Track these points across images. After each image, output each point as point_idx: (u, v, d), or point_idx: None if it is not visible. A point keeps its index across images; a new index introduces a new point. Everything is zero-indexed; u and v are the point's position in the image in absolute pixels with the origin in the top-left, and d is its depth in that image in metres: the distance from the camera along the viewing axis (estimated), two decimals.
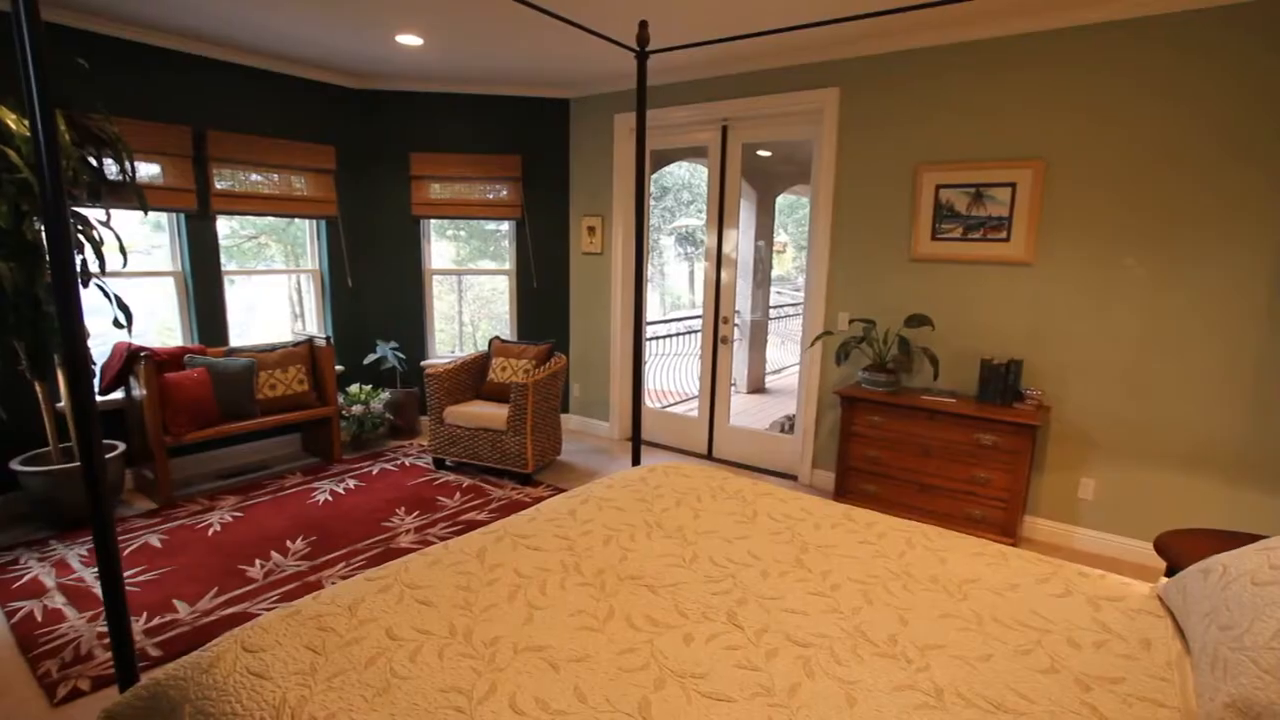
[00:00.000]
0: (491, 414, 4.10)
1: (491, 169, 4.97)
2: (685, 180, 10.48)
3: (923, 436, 3.46)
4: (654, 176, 5.54)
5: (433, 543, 3.29)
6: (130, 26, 3.68)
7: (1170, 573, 2.23)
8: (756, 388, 6.89)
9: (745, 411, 6.06)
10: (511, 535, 2.02)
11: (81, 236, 3.17)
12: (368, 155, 4.91)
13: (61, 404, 3.47)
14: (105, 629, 2.53)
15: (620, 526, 2.11)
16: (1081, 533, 3.41)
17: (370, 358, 4.97)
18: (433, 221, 5.19)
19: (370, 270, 5.04)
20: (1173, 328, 3.07)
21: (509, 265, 5.28)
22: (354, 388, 4.78)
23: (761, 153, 5.04)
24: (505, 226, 5.33)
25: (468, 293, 6.11)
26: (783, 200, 7.12)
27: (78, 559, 3.07)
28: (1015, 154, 3.35)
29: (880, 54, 3.68)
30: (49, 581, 2.87)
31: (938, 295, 3.67)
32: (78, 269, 2.46)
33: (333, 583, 2.87)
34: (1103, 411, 3.28)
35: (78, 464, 3.29)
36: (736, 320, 4.70)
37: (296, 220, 4.81)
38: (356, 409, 4.69)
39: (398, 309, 5.15)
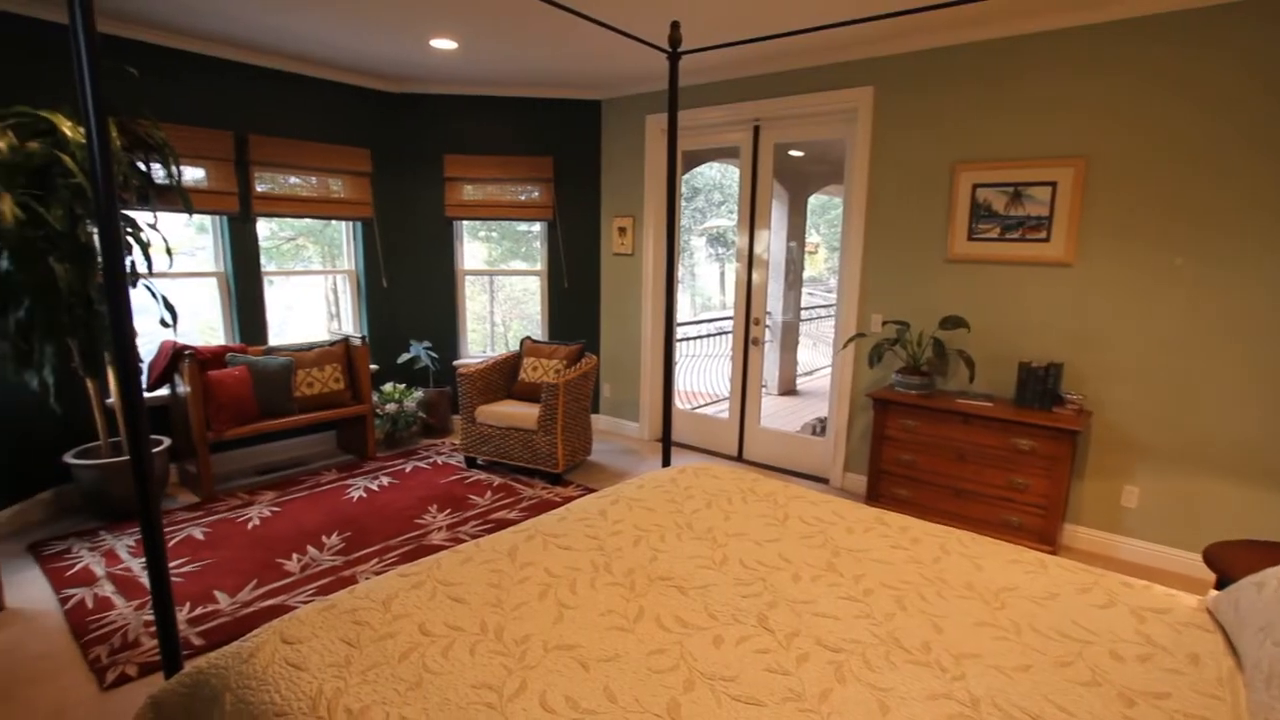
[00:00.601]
0: (523, 413, 4.14)
1: (523, 170, 5.01)
2: (716, 181, 10.45)
3: (958, 441, 3.39)
4: (685, 177, 5.53)
5: (464, 540, 3.33)
6: (176, 35, 3.80)
7: (1220, 585, 2.15)
8: (787, 390, 6.83)
9: (776, 413, 6.01)
10: (542, 534, 2.03)
11: (131, 239, 3.27)
12: (402, 158, 4.99)
13: (111, 400, 3.59)
14: (151, 617, 2.61)
15: (650, 527, 2.11)
16: (1124, 542, 3.31)
17: (404, 357, 5.05)
18: (465, 223, 5.26)
19: (404, 271, 5.12)
20: (1221, 330, 2.97)
21: (540, 266, 5.32)
22: (388, 386, 4.86)
23: (793, 153, 5.00)
24: (537, 227, 5.37)
25: (499, 293, 6.17)
26: (815, 201, 7.05)
27: (125, 549, 3.18)
28: (1056, 152, 3.27)
29: (916, 51, 3.62)
30: (99, 570, 2.98)
31: (974, 297, 3.60)
32: (127, 270, 2.55)
33: (367, 578, 2.93)
34: (1147, 417, 3.18)
35: (126, 458, 3.41)
36: (768, 321, 4.67)
37: (333, 222, 4.91)
38: (390, 407, 4.77)
39: (431, 309, 5.23)
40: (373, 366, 4.91)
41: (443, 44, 3.87)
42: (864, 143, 3.86)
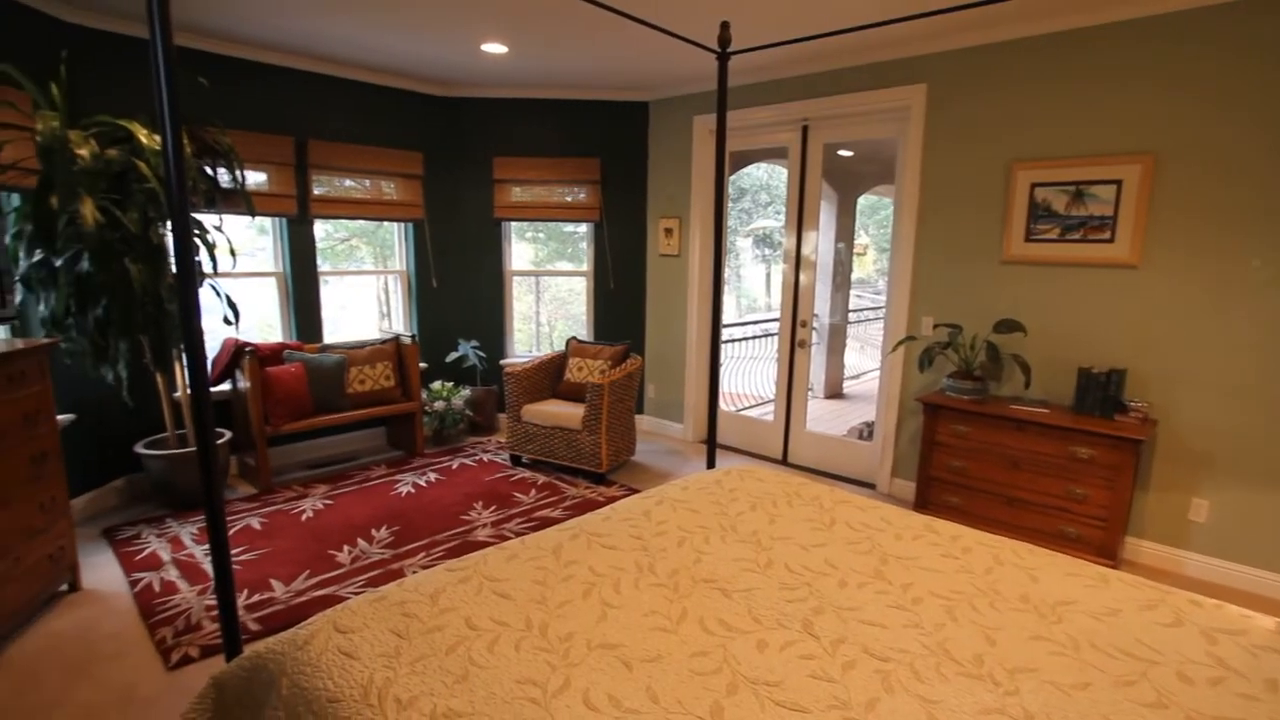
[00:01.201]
0: (567, 413, 4.17)
1: (571, 172, 5.06)
2: (764, 181, 10.36)
3: (1012, 448, 3.28)
4: (732, 178, 5.50)
5: (508, 537, 3.38)
6: (242, 45, 3.96)
7: None
8: (834, 393, 6.72)
9: (822, 417, 5.92)
10: (587, 533, 2.05)
11: (198, 240, 3.43)
12: (453, 160, 5.09)
13: (178, 394, 3.76)
14: (212, 602, 2.73)
15: (694, 529, 2.10)
16: (1192, 558, 3.15)
17: (452, 356, 5.15)
18: (513, 224, 5.33)
19: (453, 271, 5.23)
20: None
21: (586, 267, 5.36)
22: (436, 384, 4.96)
23: (843, 152, 4.92)
24: (583, 228, 5.41)
25: (545, 293, 6.24)
26: (864, 201, 6.92)
27: (189, 536, 3.33)
28: (1122, 148, 3.14)
29: (971, 47, 3.53)
30: (165, 556, 3.12)
31: (1030, 299, 3.48)
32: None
33: (414, 571, 3.00)
34: (1218, 426, 3.02)
35: (191, 450, 3.57)
36: (815, 324, 4.60)
37: (385, 223, 5.05)
38: (438, 405, 4.87)
39: (479, 309, 5.32)
40: (422, 365, 5.02)
41: (493, 48, 3.94)
42: (916, 142, 3.77)
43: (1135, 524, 3.28)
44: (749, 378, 6.65)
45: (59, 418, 2.83)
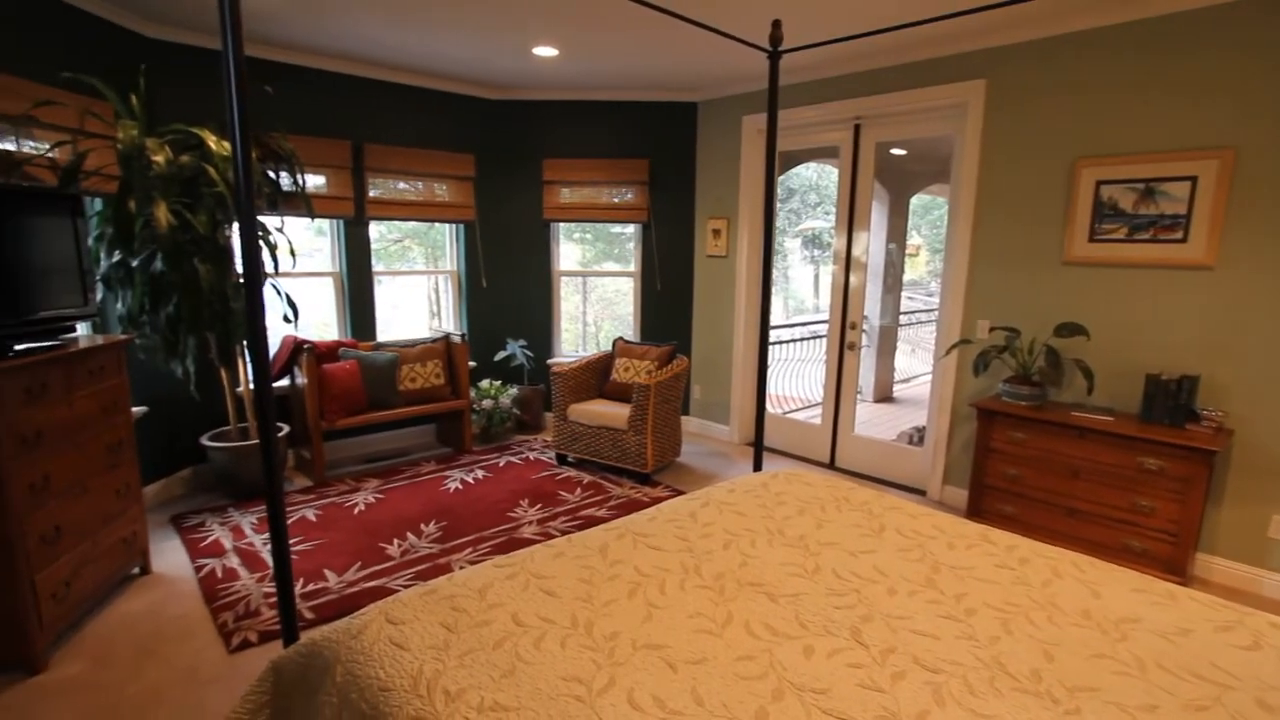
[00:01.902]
0: (613, 413, 4.19)
1: (619, 173, 5.08)
2: (813, 181, 10.22)
3: (1072, 456, 3.15)
4: (780, 178, 5.44)
5: (554, 535, 3.41)
6: (304, 53, 4.10)
7: None
8: (884, 396, 6.58)
9: (871, 421, 5.80)
10: (632, 533, 2.05)
11: (261, 241, 3.56)
12: (503, 162, 5.17)
13: (240, 389, 3.92)
14: (270, 589, 2.83)
15: (741, 531, 2.09)
16: (1272, 577, 2.97)
17: (500, 355, 5.23)
18: (561, 225, 5.39)
19: (502, 271, 5.31)
20: None
21: (634, 267, 5.37)
22: (485, 383, 5.05)
23: (896, 151, 4.81)
24: (631, 229, 5.43)
25: (591, 294, 6.28)
26: (917, 201, 6.76)
27: (249, 526, 3.46)
28: (1197, 144, 2.98)
29: (1033, 40, 3.40)
30: (227, 544, 3.26)
31: (1094, 302, 3.34)
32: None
33: (461, 566, 3.06)
34: None
35: (252, 442, 3.71)
36: (864, 326, 4.51)
37: (437, 224, 5.16)
38: (486, 403, 4.95)
39: (527, 308, 5.39)
40: (471, 363, 5.11)
41: (545, 51, 3.99)
42: (974, 139, 3.66)
43: (1207, 539, 3.12)
44: (796, 380, 6.56)
45: (133, 409, 2.98)
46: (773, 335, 6.32)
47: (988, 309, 3.72)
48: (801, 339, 6.85)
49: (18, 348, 2.33)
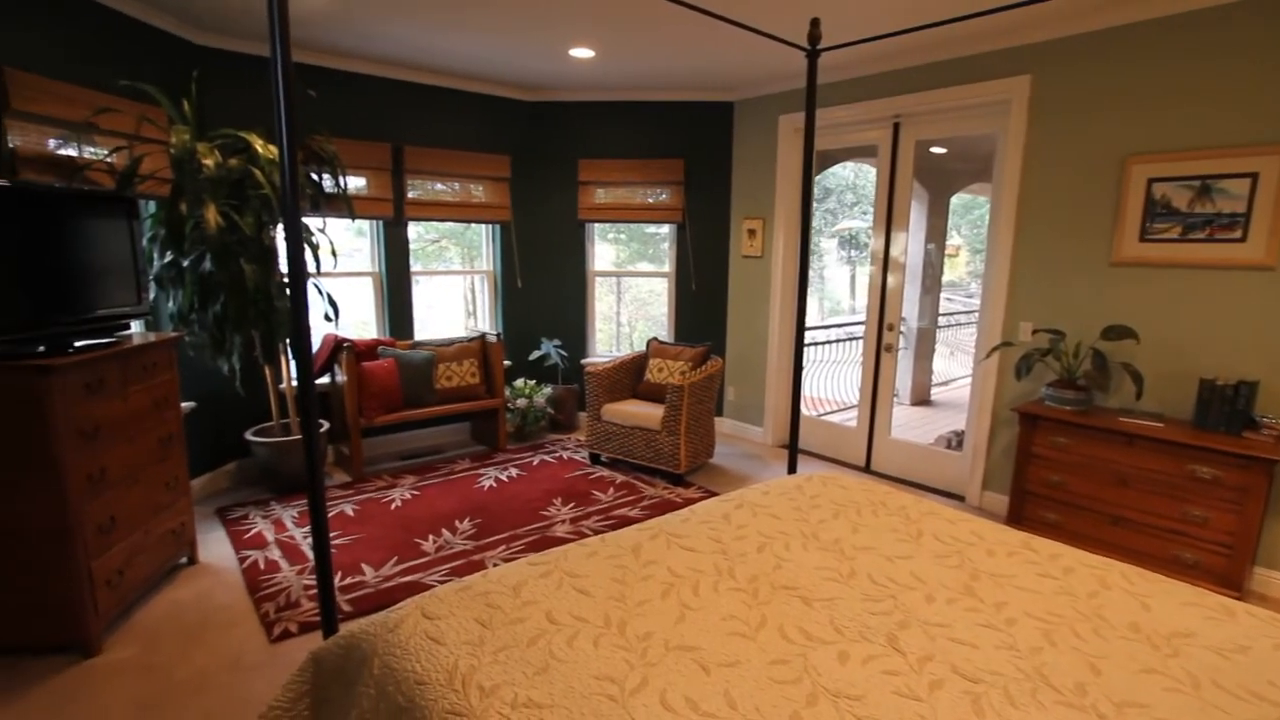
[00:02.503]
0: (647, 413, 4.20)
1: (654, 173, 5.08)
2: (850, 181, 10.09)
3: (1119, 463, 3.05)
4: (817, 177, 5.38)
5: (586, 534, 3.43)
6: (346, 58, 4.20)
7: None
8: (921, 400, 6.46)
9: (908, 424, 5.70)
10: (666, 534, 2.05)
11: (304, 242, 3.65)
12: (538, 162, 5.21)
13: (282, 385, 4.02)
14: (310, 582, 2.90)
15: (775, 534, 2.07)
16: None
17: (535, 354, 5.28)
18: (595, 225, 5.41)
19: (537, 271, 5.35)
20: None
21: (668, 268, 5.37)
22: (519, 382, 5.09)
23: (936, 150, 4.72)
24: (665, 229, 5.43)
25: (625, 294, 6.29)
26: (957, 200, 6.62)
27: (290, 519, 3.55)
28: (1258, 139, 2.86)
29: (1081, 34, 3.30)
30: (269, 536, 3.35)
31: (1144, 304, 3.23)
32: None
33: (495, 563, 3.09)
34: None
35: (294, 438, 3.81)
36: (902, 327, 4.44)
37: (473, 225, 5.23)
38: (521, 402, 5.00)
39: (561, 308, 5.43)
40: (506, 363, 5.17)
41: (581, 53, 4.01)
42: (1018, 137, 3.57)
43: (1265, 552, 2.98)
44: (831, 382, 6.48)
45: (183, 404, 3.08)
46: (808, 336, 6.27)
47: (1031, 311, 3.63)
48: (837, 340, 6.76)
49: (77, 344, 2.43)
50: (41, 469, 2.23)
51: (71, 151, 2.91)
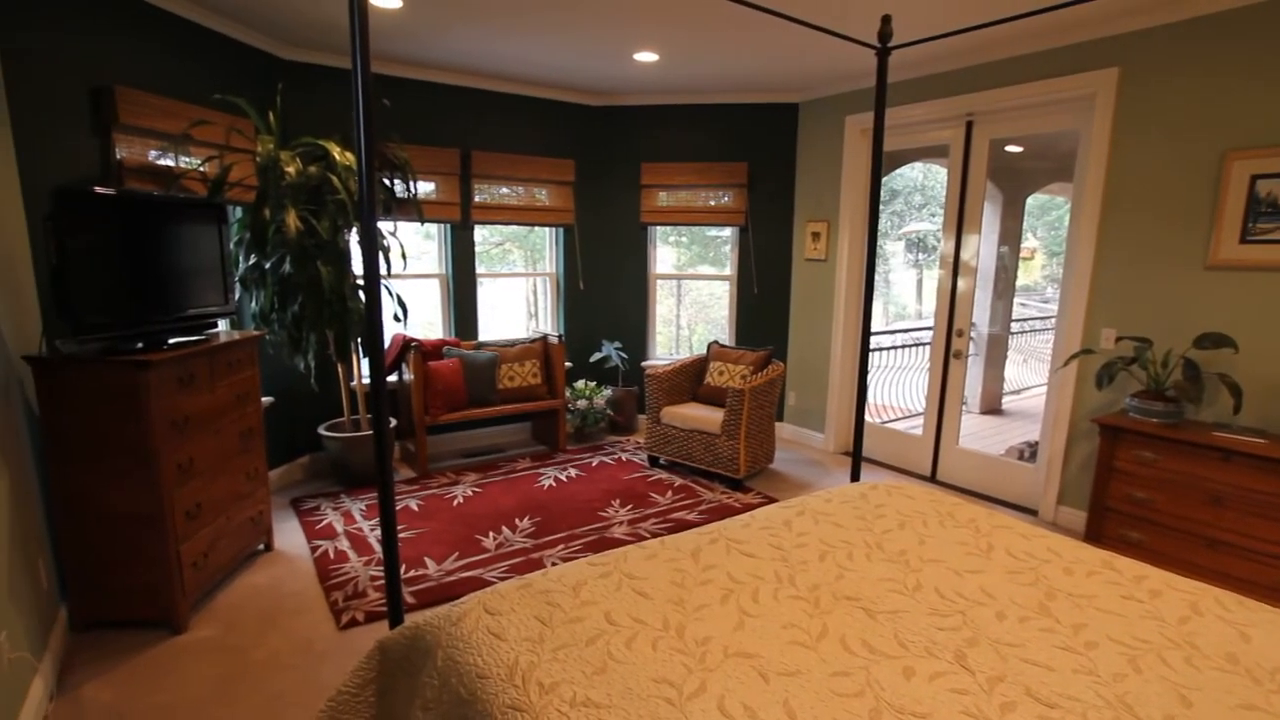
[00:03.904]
0: (706, 417, 4.17)
1: (717, 176, 5.06)
2: (918, 182, 9.80)
3: (1213, 481, 2.85)
4: (883, 179, 5.25)
5: (644, 536, 3.43)
6: (418, 67, 4.34)
7: None
8: (991, 408, 6.20)
9: (976, 434, 5.48)
10: (725, 539, 2.03)
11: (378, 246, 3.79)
12: (602, 166, 5.26)
13: (353, 383, 4.18)
14: (376, 573, 3.00)
15: (837, 543, 2.02)
16: None
17: (595, 356, 5.33)
18: (657, 228, 5.42)
19: (599, 274, 5.40)
20: None
21: (729, 271, 5.33)
22: (580, 383, 5.15)
23: (1011, 148, 4.53)
24: (727, 232, 5.39)
25: (685, 297, 6.28)
26: (1033, 201, 6.34)
27: (359, 512, 3.69)
28: None
29: (1174, 22, 3.11)
30: (339, 528, 3.49)
31: (1244, 311, 3.01)
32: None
33: (553, 562, 3.13)
34: None
35: (364, 434, 3.96)
36: (972, 333, 4.27)
37: (537, 228, 5.32)
38: (581, 404, 5.05)
39: (622, 311, 5.46)
40: (567, 364, 5.23)
41: (645, 57, 4.03)
42: (1102, 134, 3.39)
43: None
44: (896, 389, 6.30)
45: (263, 399, 3.25)
46: (873, 341, 6.11)
47: (1113, 317, 3.44)
48: (903, 345, 6.57)
49: (171, 341, 2.60)
50: (139, 458, 2.39)
51: (169, 161, 3.11)
